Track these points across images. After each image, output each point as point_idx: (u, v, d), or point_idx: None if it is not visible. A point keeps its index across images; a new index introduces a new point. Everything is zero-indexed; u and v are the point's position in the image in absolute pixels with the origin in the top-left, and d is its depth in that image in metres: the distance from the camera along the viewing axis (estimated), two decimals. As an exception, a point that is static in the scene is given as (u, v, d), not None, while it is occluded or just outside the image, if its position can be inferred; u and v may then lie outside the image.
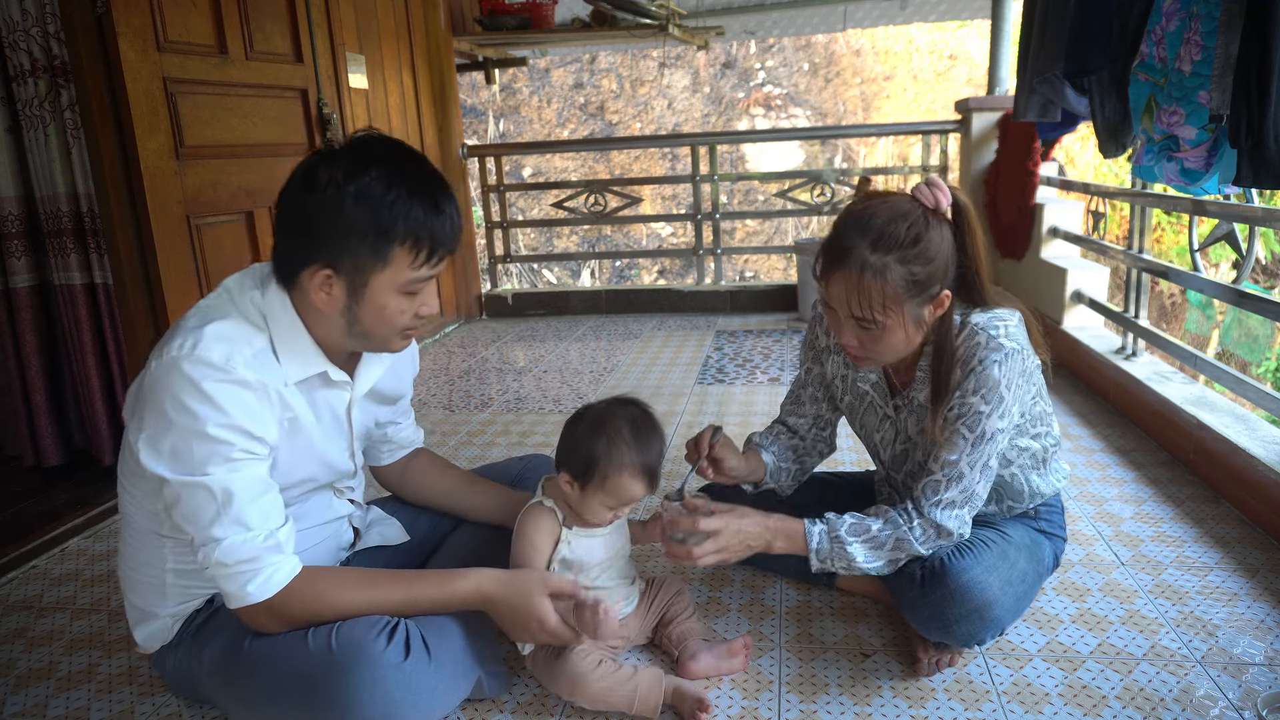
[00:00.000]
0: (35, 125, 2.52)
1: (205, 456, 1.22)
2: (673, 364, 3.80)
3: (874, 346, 1.43)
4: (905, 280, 1.35)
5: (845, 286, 1.37)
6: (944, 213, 1.39)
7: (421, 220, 1.28)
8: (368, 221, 1.25)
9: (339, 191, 1.24)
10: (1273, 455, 2.04)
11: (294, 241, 1.30)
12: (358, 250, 1.27)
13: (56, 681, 1.65)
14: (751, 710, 1.46)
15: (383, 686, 1.25)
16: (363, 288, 1.30)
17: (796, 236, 8.95)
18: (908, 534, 1.44)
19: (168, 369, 1.22)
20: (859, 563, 1.45)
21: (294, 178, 1.30)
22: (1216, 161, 2.01)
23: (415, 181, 1.29)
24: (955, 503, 1.44)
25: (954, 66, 13.37)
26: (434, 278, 1.35)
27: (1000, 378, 1.40)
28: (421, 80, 4.61)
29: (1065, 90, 2.73)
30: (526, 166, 12.92)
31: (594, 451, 1.44)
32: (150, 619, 1.43)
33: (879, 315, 1.37)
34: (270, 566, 1.27)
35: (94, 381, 2.66)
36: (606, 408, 1.50)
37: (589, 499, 1.47)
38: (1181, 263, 3.95)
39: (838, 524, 1.46)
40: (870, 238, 1.35)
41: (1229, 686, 1.46)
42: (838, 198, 4.83)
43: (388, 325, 1.34)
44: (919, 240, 1.34)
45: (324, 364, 1.38)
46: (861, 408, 1.67)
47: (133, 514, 1.39)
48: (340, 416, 1.47)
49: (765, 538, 1.48)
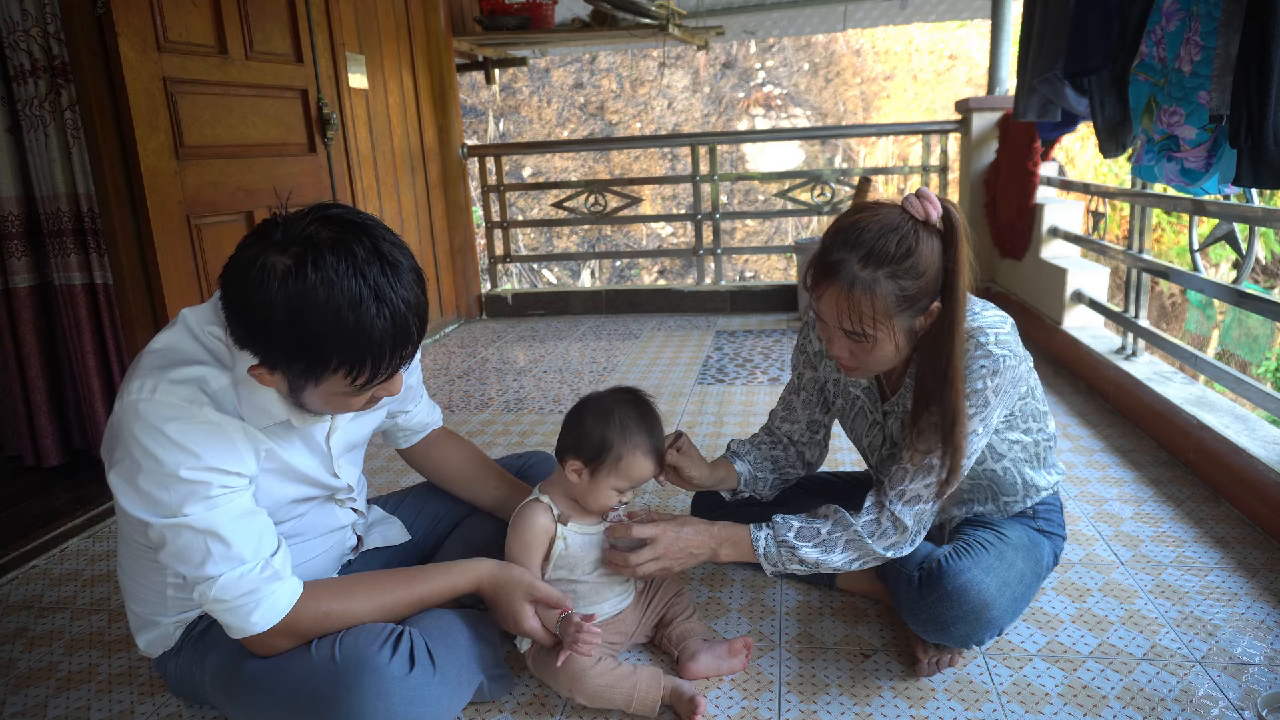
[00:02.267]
0: (35, 125, 2.52)
1: (182, 498, 1.18)
2: (673, 364, 3.80)
3: (865, 358, 1.42)
4: (895, 295, 1.34)
5: (835, 301, 1.36)
6: (934, 224, 1.36)
7: (361, 344, 1.13)
8: (298, 344, 1.13)
9: (270, 301, 1.10)
10: (1273, 455, 2.04)
11: (233, 324, 1.17)
12: (290, 365, 1.16)
13: (56, 681, 1.65)
14: (751, 710, 1.46)
15: (387, 699, 1.24)
16: (301, 390, 1.21)
17: (796, 236, 8.95)
18: (858, 531, 1.43)
19: (129, 414, 1.18)
20: (814, 562, 1.44)
21: (235, 258, 1.15)
22: (1216, 161, 2.01)
23: (357, 287, 1.11)
24: (919, 497, 1.43)
25: (954, 66, 13.37)
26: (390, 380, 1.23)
27: (986, 385, 1.39)
28: (421, 80, 4.61)
29: (1065, 90, 2.73)
30: (526, 166, 12.92)
31: (606, 435, 1.46)
32: (152, 626, 1.43)
33: (869, 329, 1.36)
34: (271, 595, 1.25)
35: (94, 381, 2.66)
36: (610, 395, 1.52)
37: (599, 483, 1.48)
38: (1181, 263, 3.95)
39: (784, 528, 1.46)
40: (860, 253, 1.33)
41: (1229, 686, 1.46)
42: (838, 198, 4.83)
43: (341, 409, 1.28)
44: (909, 254, 1.33)
45: (285, 414, 1.30)
46: (852, 412, 1.68)
47: (130, 533, 1.37)
48: (319, 442, 1.42)
49: (710, 545, 1.48)
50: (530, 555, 1.49)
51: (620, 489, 1.49)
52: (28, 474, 2.76)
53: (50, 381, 2.73)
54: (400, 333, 1.16)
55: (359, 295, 1.12)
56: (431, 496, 1.81)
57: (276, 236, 1.13)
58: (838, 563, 1.45)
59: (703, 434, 2.81)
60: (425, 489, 1.84)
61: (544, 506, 1.51)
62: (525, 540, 1.50)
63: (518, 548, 1.50)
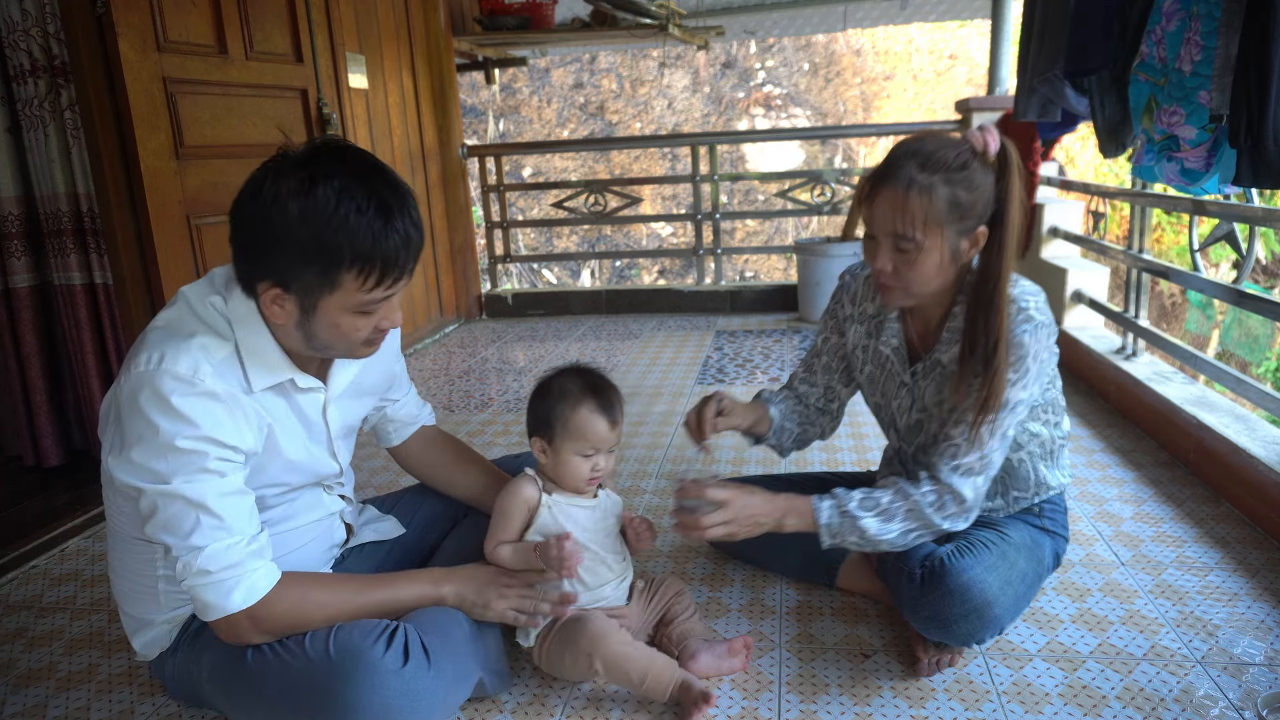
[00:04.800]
0: (35, 125, 2.52)
1: (178, 468, 1.20)
2: (673, 364, 3.80)
3: (908, 272, 1.43)
4: (948, 201, 1.38)
5: (891, 203, 1.40)
6: (991, 159, 1.42)
7: (370, 244, 1.20)
8: (313, 245, 1.19)
9: (284, 211, 1.18)
10: (1273, 455, 2.04)
11: (244, 256, 1.26)
12: (304, 274, 1.22)
13: (56, 681, 1.65)
14: (751, 710, 1.46)
15: (381, 693, 1.24)
16: (313, 309, 1.26)
17: (796, 236, 8.95)
18: (919, 500, 1.44)
19: (136, 385, 1.21)
20: (872, 534, 1.44)
21: (244, 189, 1.24)
22: (1216, 161, 2.01)
23: (367, 199, 1.20)
24: (973, 469, 1.44)
25: (954, 66, 13.38)
26: (392, 298, 1.30)
27: (1029, 348, 1.42)
28: (421, 80, 4.61)
29: (1065, 90, 2.73)
30: (526, 166, 12.92)
31: (551, 404, 1.50)
32: (147, 627, 1.43)
33: (919, 234, 1.38)
34: (253, 573, 1.25)
35: (94, 381, 2.66)
36: (554, 374, 1.56)
37: (561, 455, 1.49)
38: (1181, 263, 3.95)
39: (847, 499, 1.46)
40: (919, 160, 1.39)
41: (1229, 686, 1.46)
42: (838, 198, 4.83)
43: (345, 340, 1.31)
44: (966, 167, 1.38)
45: (291, 371, 1.35)
46: (882, 376, 1.67)
47: (119, 524, 1.39)
48: (317, 419, 1.44)
49: (774, 515, 1.48)
50: (507, 522, 1.50)
51: (584, 453, 1.49)
52: (28, 474, 2.76)
53: (50, 381, 2.73)
54: (405, 239, 1.23)
55: (367, 204, 1.20)
56: (427, 497, 1.80)
57: (284, 165, 1.21)
58: (894, 533, 1.45)
59: (703, 434, 2.82)
60: (421, 490, 1.84)
61: (530, 479, 1.53)
62: (503, 507, 1.51)
63: (496, 518, 1.52)
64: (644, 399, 3.27)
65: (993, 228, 1.43)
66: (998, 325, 1.41)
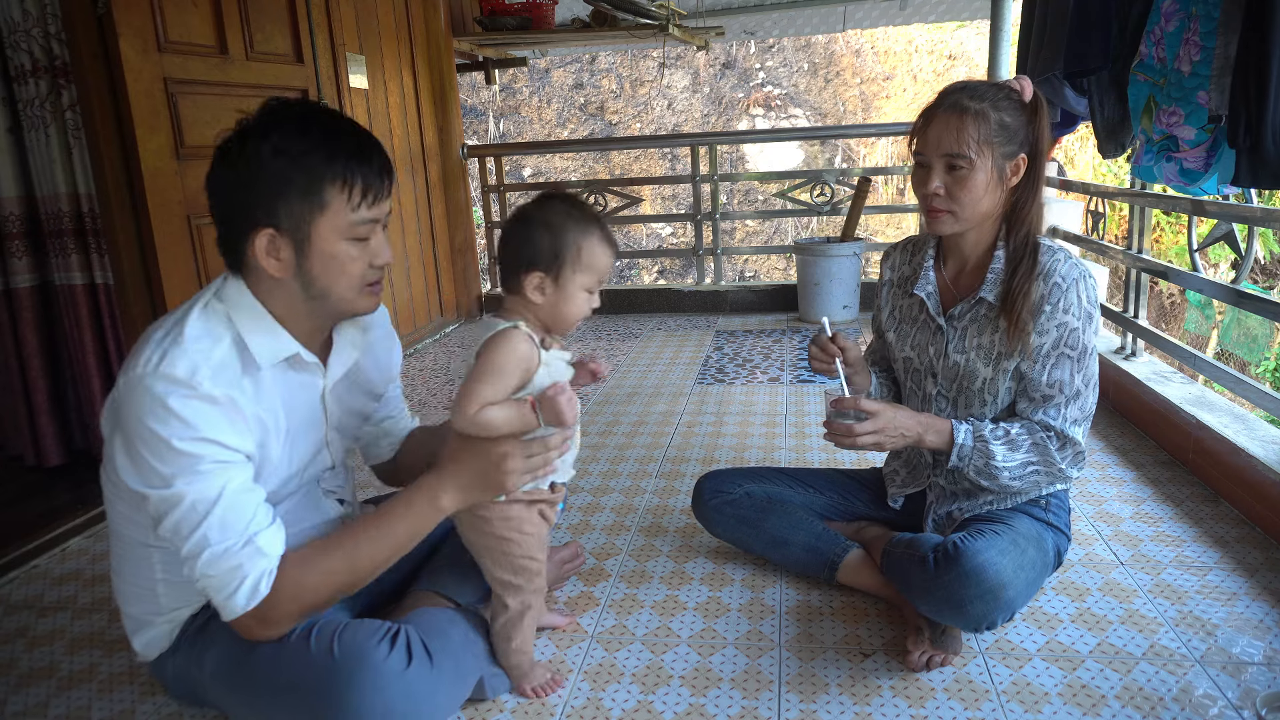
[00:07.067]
0: (36, 125, 2.53)
1: (177, 470, 1.21)
2: (673, 364, 3.80)
3: (959, 192, 1.55)
4: (998, 124, 1.52)
5: (944, 126, 1.54)
6: (1027, 99, 1.57)
7: (345, 156, 1.28)
8: (292, 170, 1.26)
9: (257, 154, 1.26)
10: (1272, 455, 2.05)
11: (228, 215, 1.31)
12: (291, 199, 1.26)
13: (57, 681, 1.65)
14: (751, 710, 1.46)
15: (384, 695, 1.25)
16: (307, 241, 1.29)
17: (796, 236, 8.95)
18: (1044, 438, 1.57)
19: (134, 386, 1.21)
20: (997, 461, 1.57)
21: (214, 159, 1.31)
22: (1215, 161, 2.02)
23: (330, 122, 1.30)
24: (1078, 420, 1.58)
25: (954, 67, 13.37)
26: (380, 224, 1.35)
27: (1084, 293, 1.56)
28: (421, 80, 4.61)
29: (1065, 90, 2.74)
30: (526, 166, 12.93)
31: (557, 233, 1.35)
32: (147, 626, 1.43)
33: (971, 153, 1.52)
34: (254, 573, 1.25)
35: (94, 381, 2.66)
36: (535, 203, 1.40)
37: (567, 287, 1.37)
38: (1181, 263, 3.96)
39: (982, 425, 1.60)
40: (969, 91, 1.55)
41: (1228, 686, 1.46)
42: (837, 198, 4.83)
43: (345, 277, 1.32)
44: (1009, 98, 1.55)
45: (295, 346, 1.35)
46: (913, 329, 1.73)
47: (119, 525, 1.39)
48: (315, 405, 1.44)
49: (917, 430, 1.59)
50: (500, 382, 1.34)
51: (590, 288, 1.39)
52: (29, 474, 2.76)
53: (51, 381, 2.73)
54: (374, 148, 1.32)
55: (333, 126, 1.30)
56: None
57: (244, 128, 1.30)
58: (1016, 462, 1.58)
59: (702, 434, 2.81)
60: None
61: (524, 334, 1.36)
62: (497, 365, 1.33)
63: (483, 376, 1.33)
64: (644, 399, 3.27)
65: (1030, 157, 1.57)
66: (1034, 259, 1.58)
